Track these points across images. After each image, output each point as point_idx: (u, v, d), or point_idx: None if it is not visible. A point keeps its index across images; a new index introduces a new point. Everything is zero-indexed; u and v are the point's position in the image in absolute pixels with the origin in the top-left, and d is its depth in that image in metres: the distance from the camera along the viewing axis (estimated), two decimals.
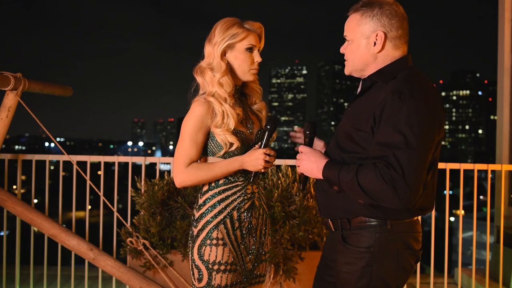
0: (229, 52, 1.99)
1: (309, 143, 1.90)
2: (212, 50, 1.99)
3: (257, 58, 2.01)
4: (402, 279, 1.75)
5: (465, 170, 3.82)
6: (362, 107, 1.74)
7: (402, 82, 1.65)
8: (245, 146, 2.00)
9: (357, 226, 1.74)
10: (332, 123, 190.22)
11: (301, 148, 1.86)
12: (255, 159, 1.93)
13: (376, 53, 1.76)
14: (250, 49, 2.00)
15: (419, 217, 3.24)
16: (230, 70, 2.00)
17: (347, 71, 1.87)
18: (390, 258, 1.71)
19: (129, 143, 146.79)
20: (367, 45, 1.76)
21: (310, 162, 1.80)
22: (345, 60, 1.86)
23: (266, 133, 1.96)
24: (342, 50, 1.86)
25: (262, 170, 1.96)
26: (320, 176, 1.76)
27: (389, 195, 1.55)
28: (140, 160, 3.82)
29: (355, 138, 1.72)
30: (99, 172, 3.76)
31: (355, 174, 1.61)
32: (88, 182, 3.54)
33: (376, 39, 1.73)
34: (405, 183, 1.53)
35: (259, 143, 1.98)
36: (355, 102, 1.81)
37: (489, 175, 3.93)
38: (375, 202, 1.61)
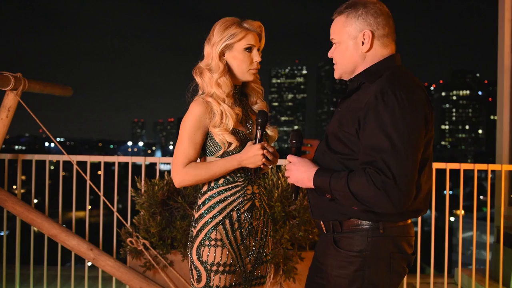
0: (228, 53, 1.98)
1: (297, 152, 1.87)
2: (210, 51, 1.98)
3: (256, 58, 1.99)
4: (394, 283, 1.73)
5: (465, 170, 3.83)
6: (348, 108, 1.73)
7: (386, 83, 1.64)
8: (244, 146, 1.98)
9: (349, 229, 1.72)
10: None
11: (289, 157, 1.83)
12: (252, 156, 1.91)
13: (365, 53, 1.74)
14: (249, 49, 1.98)
15: (418, 220, 3.25)
16: (229, 70, 1.99)
17: (336, 75, 1.86)
18: (382, 262, 1.69)
19: (129, 143, 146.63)
20: (355, 45, 1.75)
21: (300, 172, 1.77)
22: (334, 64, 1.84)
23: (258, 127, 1.93)
24: (330, 54, 1.85)
25: (262, 166, 1.94)
26: (311, 186, 1.74)
27: (382, 201, 1.54)
28: (140, 160, 3.82)
29: (343, 139, 1.71)
30: (99, 172, 3.76)
31: (346, 181, 1.60)
32: (88, 182, 3.54)
33: (364, 38, 1.72)
34: (397, 187, 1.52)
35: (254, 140, 1.96)
36: (344, 103, 1.80)
37: (489, 175, 3.93)
38: (369, 208, 1.60)
